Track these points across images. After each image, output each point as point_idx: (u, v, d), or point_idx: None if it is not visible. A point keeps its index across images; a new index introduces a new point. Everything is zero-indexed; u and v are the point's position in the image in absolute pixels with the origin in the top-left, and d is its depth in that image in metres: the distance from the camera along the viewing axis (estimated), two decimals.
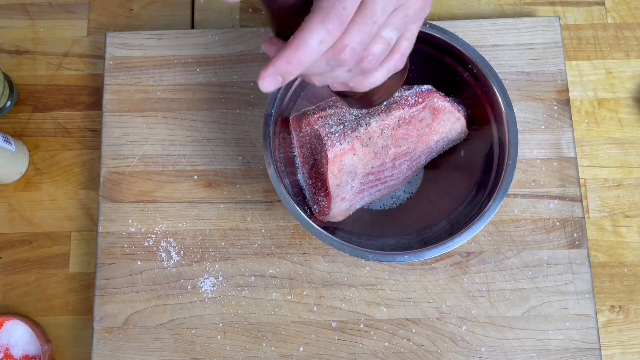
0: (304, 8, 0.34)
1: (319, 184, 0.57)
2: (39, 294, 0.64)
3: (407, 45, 0.39)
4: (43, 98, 0.69)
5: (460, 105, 0.60)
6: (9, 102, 0.67)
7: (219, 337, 0.60)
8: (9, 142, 0.63)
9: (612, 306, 0.63)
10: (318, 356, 0.60)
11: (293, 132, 0.60)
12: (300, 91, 0.61)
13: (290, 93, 0.59)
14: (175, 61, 0.68)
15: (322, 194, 0.57)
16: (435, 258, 0.62)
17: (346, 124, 0.55)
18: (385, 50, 0.37)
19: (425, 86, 0.57)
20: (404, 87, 0.58)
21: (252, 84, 0.67)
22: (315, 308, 0.61)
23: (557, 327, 0.60)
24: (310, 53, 0.33)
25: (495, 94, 0.56)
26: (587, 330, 0.60)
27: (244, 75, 0.67)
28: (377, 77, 0.39)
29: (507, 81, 0.66)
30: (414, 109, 0.55)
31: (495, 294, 0.61)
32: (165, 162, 0.65)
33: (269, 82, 0.34)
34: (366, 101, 0.45)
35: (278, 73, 0.34)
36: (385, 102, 0.56)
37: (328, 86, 0.42)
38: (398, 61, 0.39)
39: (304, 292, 0.61)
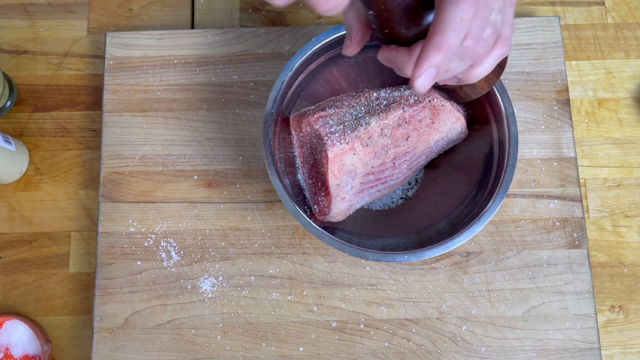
0: (422, 6, 0.34)
1: (319, 184, 0.57)
2: (38, 294, 0.64)
3: (509, 29, 0.38)
4: (43, 98, 0.69)
5: (460, 105, 0.60)
6: (9, 102, 0.67)
7: (219, 337, 0.60)
8: (9, 142, 0.63)
9: (612, 306, 0.63)
10: (318, 356, 0.60)
11: (293, 132, 0.60)
12: (300, 91, 0.61)
13: (290, 93, 0.59)
14: (175, 61, 0.68)
15: (322, 193, 0.57)
16: (435, 258, 0.62)
17: (346, 123, 0.55)
18: (493, 34, 0.36)
19: None
20: (403, 86, 0.58)
21: (252, 84, 0.67)
22: (315, 308, 0.61)
23: (557, 327, 0.60)
24: (456, 34, 0.33)
25: (495, 94, 0.57)
26: (587, 330, 0.60)
27: (244, 75, 0.67)
28: (486, 66, 0.38)
29: (507, 81, 0.66)
30: (413, 108, 0.55)
31: (495, 294, 0.61)
32: (165, 162, 0.65)
33: (425, 78, 0.33)
34: (468, 93, 0.43)
35: (432, 65, 0.33)
36: (384, 102, 0.56)
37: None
38: (505, 46, 0.38)
39: (304, 292, 0.61)
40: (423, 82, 0.34)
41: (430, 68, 0.33)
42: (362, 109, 0.56)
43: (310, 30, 0.68)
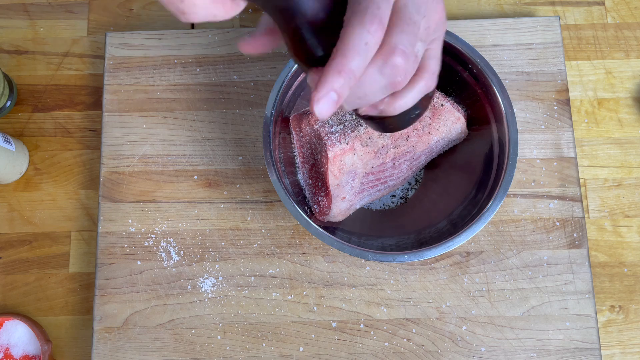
0: (335, 25, 0.32)
1: (319, 184, 0.57)
2: (38, 294, 0.64)
3: (435, 63, 0.38)
4: (43, 98, 0.69)
5: (460, 105, 0.60)
6: (9, 102, 0.67)
7: (219, 337, 0.60)
8: (9, 142, 0.63)
9: (612, 306, 0.63)
10: (318, 356, 0.60)
11: (293, 132, 0.60)
12: (300, 91, 0.61)
13: (290, 93, 0.59)
14: (175, 61, 0.68)
15: (322, 193, 0.57)
16: (435, 258, 0.62)
17: (346, 123, 0.55)
18: (413, 62, 0.35)
19: None
20: None
21: (252, 84, 0.67)
22: (315, 308, 0.61)
23: (557, 327, 0.60)
24: (359, 58, 0.31)
25: (495, 94, 0.56)
26: (587, 330, 0.60)
27: (244, 75, 0.67)
28: (408, 99, 0.37)
29: (507, 81, 0.66)
30: None
31: (495, 294, 0.61)
32: (165, 162, 0.65)
33: (324, 103, 0.32)
34: (394, 124, 0.43)
35: (332, 89, 0.31)
36: None
37: (354, 111, 0.40)
38: (429, 80, 0.37)
39: (304, 292, 0.61)
40: (322, 107, 0.32)
41: (330, 92, 0.31)
42: None
43: None
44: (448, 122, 0.58)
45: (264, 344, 0.60)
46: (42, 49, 0.71)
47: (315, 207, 0.58)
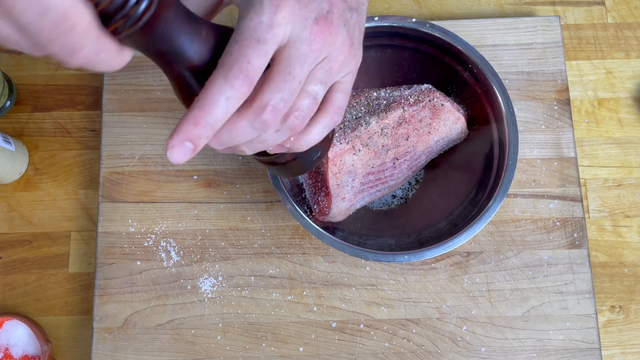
0: (208, 73, 0.31)
1: (319, 184, 0.57)
2: (38, 294, 0.64)
3: (342, 98, 0.37)
4: (43, 98, 0.69)
5: (461, 105, 0.60)
6: (8, 102, 0.67)
7: (218, 337, 0.60)
8: (9, 142, 0.63)
9: (612, 306, 0.63)
10: (318, 356, 0.60)
11: None
12: None
13: None
14: None
15: (322, 193, 0.57)
16: (435, 258, 0.62)
17: (346, 123, 0.55)
18: (312, 104, 0.34)
19: (425, 85, 0.57)
20: (403, 86, 0.58)
21: None
22: (315, 308, 0.61)
23: (557, 327, 0.60)
24: (217, 112, 0.30)
25: (495, 94, 0.56)
26: (587, 330, 0.60)
27: None
28: (314, 135, 0.37)
29: (507, 81, 0.66)
30: (414, 108, 0.55)
31: (495, 294, 0.61)
32: (165, 162, 0.65)
33: (178, 151, 0.31)
34: (298, 166, 0.42)
35: (186, 139, 0.31)
36: (384, 102, 0.56)
37: (263, 156, 0.40)
38: (335, 115, 0.37)
39: (304, 292, 0.61)
40: (176, 154, 0.31)
41: (184, 142, 0.31)
42: (362, 108, 0.56)
43: None
44: (448, 122, 0.58)
45: (263, 344, 0.60)
46: None
47: (315, 207, 0.58)
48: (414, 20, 0.57)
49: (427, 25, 0.57)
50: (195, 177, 0.65)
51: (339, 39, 0.35)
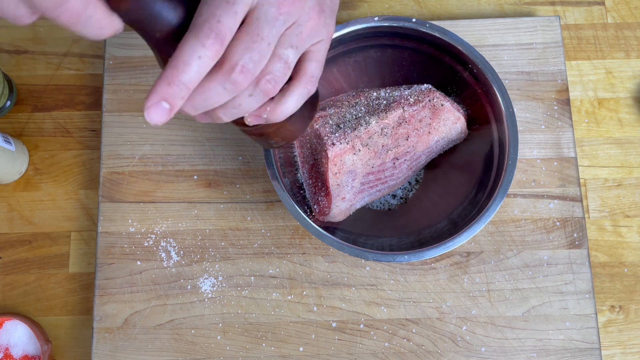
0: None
1: (319, 184, 0.57)
2: (38, 294, 0.64)
3: (315, 67, 0.37)
4: (43, 98, 0.69)
5: (460, 105, 0.60)
6: (8, 102, 0.67)
7: (219, 337, 0.60)
8: (9, 142, 0.63)
9: (612, 306, 0.63)
10: (318, 356, 0.60)
11: None
12: None
13: None
14: None
15: (322, 193, 0.57)
16: (435, 258, 0.62)
17: (346, 123, 0.55)
18: (283, 69, 0.35)
19: (425, 85, 0.57)
20: (403, 86, 0.58)
21: None
22: (315, 308, 0.61)
23: (557, 327, 0.60)
24: (190, 71, 0.31)
25: (495, 94, 0.56)
26: (587, 330, 0.60)
27: None
28: (290, 104, 0.37)
29: (507, 81, 0.66)
30: (414, 107, 0.55)
31: (495, 294, 0.61)
32: (165, 162, 0.65)
33: (154, 111, 0.32)
34: (281, 135, 0.43)
35: (162, 99, 0.31)
36: (384, 102, 0.56)
37: (245, 126, 0.40)
38: (309, 84, 0.37)
39: (304, 292, 0.61)
40: (153, 114, 0.32)
41: (160, 102, 0.31)
42: (362, 108, 0.56)
43: None
44: (448, 122, 0.58)
45: (263, 344, 0.60)
46: (42, 48, 0.71)
47: (315, 207, 0.58)
48: (414, 20, 0.57)
49: (427, 25, 0.57)
50: (195, 177, 0.65)
51: (307, 4, 0.35)
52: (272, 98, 0.37)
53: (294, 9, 0.34)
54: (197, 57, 0.31)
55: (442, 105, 0.56)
